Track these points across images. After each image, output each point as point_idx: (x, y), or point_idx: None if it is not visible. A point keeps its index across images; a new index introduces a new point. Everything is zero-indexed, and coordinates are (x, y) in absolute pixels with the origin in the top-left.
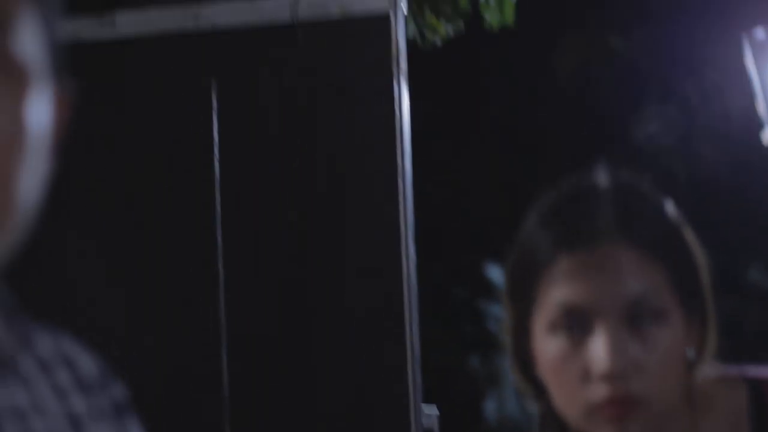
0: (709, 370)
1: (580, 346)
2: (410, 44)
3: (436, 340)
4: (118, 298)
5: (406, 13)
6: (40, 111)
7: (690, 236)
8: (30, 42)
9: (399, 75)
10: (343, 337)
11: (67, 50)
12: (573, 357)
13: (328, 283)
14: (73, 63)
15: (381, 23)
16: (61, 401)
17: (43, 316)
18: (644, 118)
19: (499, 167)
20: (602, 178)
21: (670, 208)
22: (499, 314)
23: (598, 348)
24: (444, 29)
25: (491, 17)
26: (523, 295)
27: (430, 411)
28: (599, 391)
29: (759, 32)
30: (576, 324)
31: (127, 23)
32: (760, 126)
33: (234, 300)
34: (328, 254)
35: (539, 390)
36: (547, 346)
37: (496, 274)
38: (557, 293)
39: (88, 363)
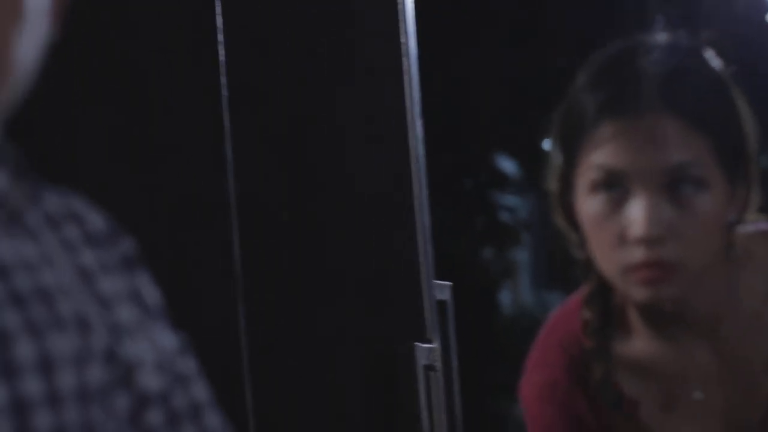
0: (748, 224)
1: (618, 208)
2: None
3: (448, 232)
4: (123, 175)
5: None
6: None
7: (741, 103)
8: None
9: None
10: (353, 213)
11: None
12: (611, 218)
13: (337, 161)
14: None
15: None
16: (70, 255)
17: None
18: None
19: (511, 60)
20: (655, 39)
21: (724, 73)
22: (512, 205)
23: (635, 212)
24: None
25: None
26: (569, 150)
27: (443, 285)
28: (634, 254)
29: None
30: (615, 187)
31: None
32: None
33: (243, 188)
34: (335, 136)
35: (582, 238)
36: (588, 205)
37: (507, 165)
38: (599, 156)
39: (96, 219)
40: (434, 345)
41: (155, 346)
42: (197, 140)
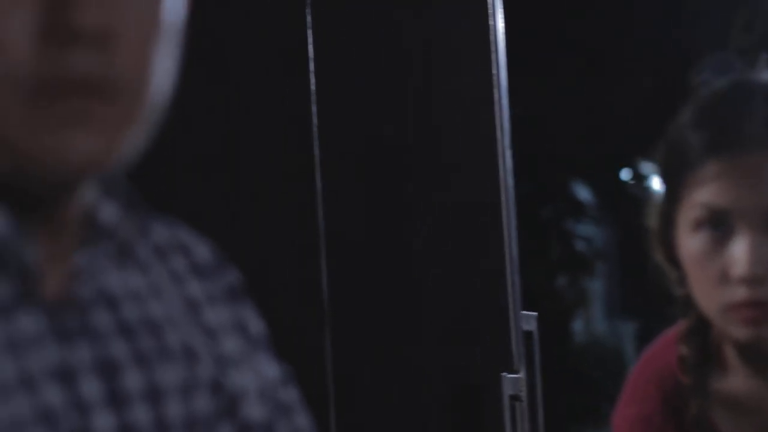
0: None
1: (721, 247)
2: None
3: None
4: (213, 206)
5: None
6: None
7: None
8: None
9: None
10: (441, 243)
11: None
12: (713, 256)
13: (426, 191)
14: None
15: None
16: (177, 286)
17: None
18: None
19: (589, 89)
20: (761, 76)
21: None
22: (588, 234)
23: (738, 251)
24: None
25: None
26: (671, 187)
27: (530, 315)
28: (736, 293)
29: None
30: (719, 225)
31: None
32: None
33: (332, 218)
34: (425, 166)
35: (681, 275)
36: (690, 242)
37: (584, 194)
38: (703, 194)
39: (202, 250)
40: (520, 375)
41: (259, 377)
42: (287, 171)
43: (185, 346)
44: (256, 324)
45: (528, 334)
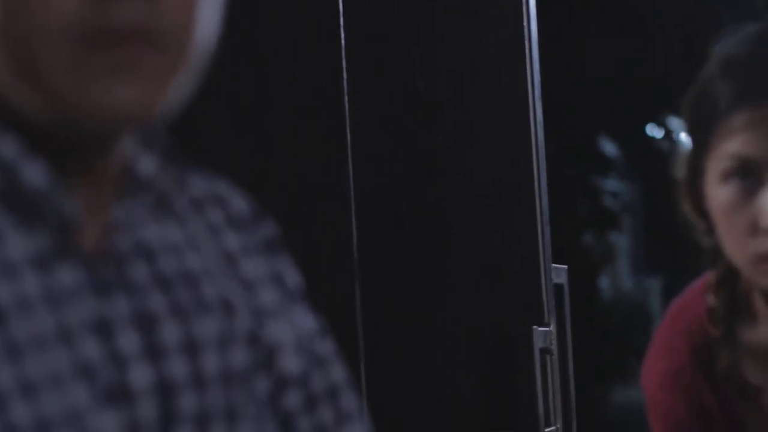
0: None
1: (750, 197)
2: None
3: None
4: (243, 161)
5: None
6: None
7: None
8: None
9: None
10: (471, 197)
11: None
12: (743, 207)
13: (457, 145)
14: None
15: None
16: (214, 239)
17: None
18: None
19: (614, 45)
20: None
21: None
22: (614, 189)
23: (767, 202)
24: None
25: None
26: (700, 138)
27: (560, 268)
28: (765, 243)
29: None
30: (748, 175)
31: None
32: None
33: (362, 173)
34: (455, 121)
35: (710, 226)
36: (719, 193)
37: (610, 149)
38: (732, 145)
39: (239, 202)
40: (551, 328)
41: (295, 329)
42: (317, 125)
43: (222, 298)
44: (292, 276)
45: (558, 288)
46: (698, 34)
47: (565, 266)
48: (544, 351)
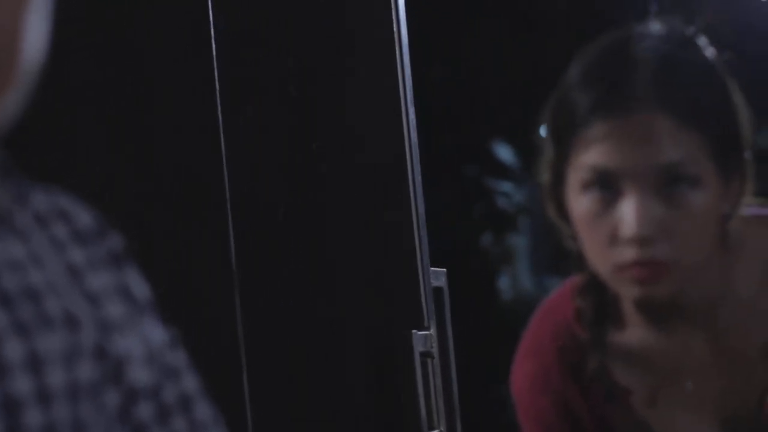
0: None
1: (610, 207)
2: None
3: (446, 219)
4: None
5: None
6: None
7: (735, 92)
8: None
9: None
10: (349, 206)
11: None
12: (603, 217)
13: (332, 149)
14: None
15: None
16: (58, 253)
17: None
18: None
19: (510, 47)
20: (647, 29)
21: (718, 62)
22: (510, 192)
23: (626, 212)
24: None
25: None
26: (560, 145)
27: (439, 271)
28: (626, 254)
29: None
30: (607, 186)
31: None
32: None
33: (238, 177)
34: (330, 125)
35: (574, 231)
36: (579, 203)
37: (506, 153)
38: (590, 156)
39: (84, 216)
40: (430, 332)
41: (144, 341)
42: (192, 132)
43: (67, 313)
44: (140, 288)
45: (438, 291)
46: (593, 33)
47: (444, 269)
48: (425, 354)
